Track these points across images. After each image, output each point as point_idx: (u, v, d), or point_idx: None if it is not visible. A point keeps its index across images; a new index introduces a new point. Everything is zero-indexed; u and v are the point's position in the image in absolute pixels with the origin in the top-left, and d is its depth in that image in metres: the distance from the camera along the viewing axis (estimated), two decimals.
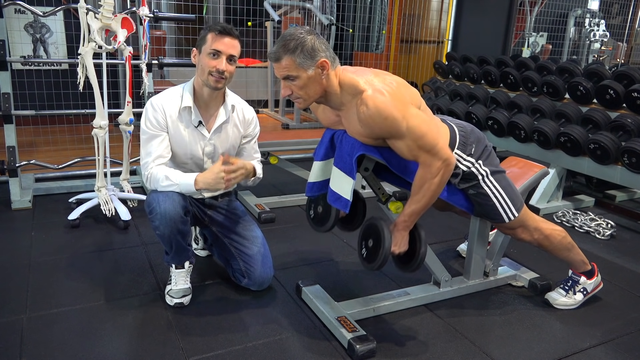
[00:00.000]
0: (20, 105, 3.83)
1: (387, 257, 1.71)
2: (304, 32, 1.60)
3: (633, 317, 2.12)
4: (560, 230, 2.06)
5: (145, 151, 1.95)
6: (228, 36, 1.87)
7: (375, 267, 1.75)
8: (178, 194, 1.90)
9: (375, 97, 1.59)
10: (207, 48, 1.87)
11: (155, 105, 1.95)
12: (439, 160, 1.64)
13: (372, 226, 1.79)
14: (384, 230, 1.71)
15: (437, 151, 1.64)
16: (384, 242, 1.70)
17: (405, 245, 1.77)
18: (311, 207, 2.02)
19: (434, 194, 1.69)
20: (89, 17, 2.56)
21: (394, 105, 1.59)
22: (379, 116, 1.58)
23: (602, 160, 3.06)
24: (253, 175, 2.04)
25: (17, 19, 4.30)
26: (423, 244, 1.76)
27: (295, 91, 1.64)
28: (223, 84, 1.92)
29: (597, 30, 7.48)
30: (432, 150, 1.64)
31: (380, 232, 1.72)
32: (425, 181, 1.67)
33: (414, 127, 1.61)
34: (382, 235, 1.71)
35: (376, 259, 1.73)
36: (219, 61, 1.87)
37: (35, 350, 1.71)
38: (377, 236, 1.74)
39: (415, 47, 6.53)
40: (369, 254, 1.79)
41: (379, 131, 1.63)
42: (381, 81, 1.63)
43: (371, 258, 1.77)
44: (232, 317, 1.96)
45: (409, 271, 1.83)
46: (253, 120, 2.13)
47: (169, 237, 1.91)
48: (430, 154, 1.64)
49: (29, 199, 3.02)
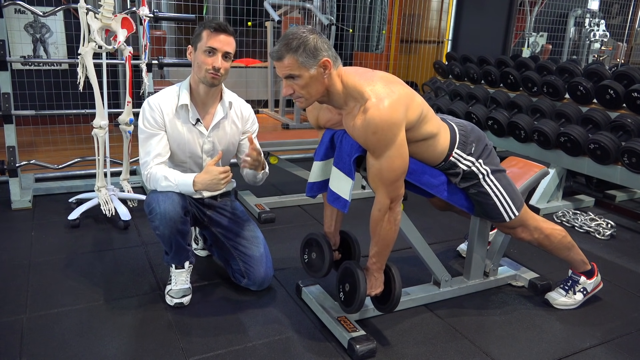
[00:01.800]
0: (20, 105, 3.84)
1: (363, 300, 1.76)
2: (307, 31, 1.60)
3: (633, 317, 2.12)
4: (561, 230, 2.06)
5: (144, 150, 1.96)
6: (223, 33, 1.87)
7: (353, 311, 1.81)
8: (177, 194, 1.91)
9: (376, 109, 1.57)
10: (203, 45, 1.88)
11: (152, 105, 1.95)
12: (387, 198, 1.67)
13: (347, 271, 1.83)
14: (358, 274, 1.75)
15: (393, 188, 1.67)
16: (359, 286, 1.74)
17: (380, 286, 1.80)
18: (305, 252, 2.06)
19: (386, 236, 1.73)
20: (89, 17, 2.56)
21: (388, 125, 1.58)
22: (370, 129, 1.58)
23: (602, 160, 3.06)
24: (262, 168, 2.05)
25: (17, 19, 4.30)
26: (397, 284, 1.79)
27: (297, 90, 1.64)
28: (219, 81, 1.93)
29: (597, 30, 7.48)
30: (390, 185, 1.66)
31: (355, 276, 1.77)
32: (377, 222, 1.72)
33: (391, 158, 1.62)
34: (357, 279, 1.75)
35: (353, 302, 1.78)
36: (214, 58, 1.87)
37: (35, 350, 1.71)
38: (353, 280, 1.78)
39: (415, 47, 6.53)
40: (346, 298, 1.83)
41: (364, 141, 1.64)
42: (386, 92, 1.60)
43: (349, 302, 1.82)
44: (232, 317, 1.96)
45: (387, 311, 1.88)
46: (251, 117, 2.14)
47: (168, 237, 1.91)
48: (385, 188, 1.66)
49: (29, 199, 3.02)
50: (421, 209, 3.00)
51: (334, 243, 2.04)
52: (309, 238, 2.03)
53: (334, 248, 2.04)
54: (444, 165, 1.84)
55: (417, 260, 2.13)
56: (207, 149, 2.04)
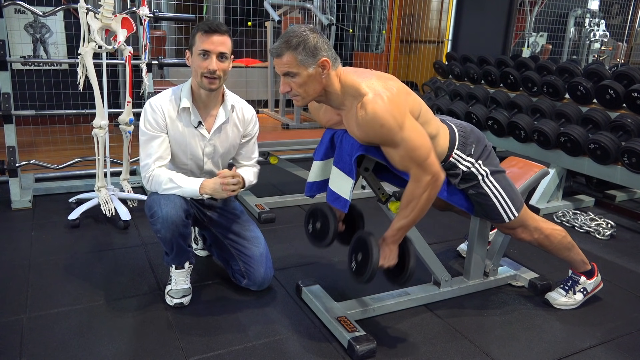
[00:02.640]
0: (20, 105, 3.83)
1: (375, 271, 1.73)
2: (307, 30, 1.60)
3: (633, 317, 2.12)
4: (561, 230, 2.06)
5: (145, 153, 1.95)
6: (215, 34, 1.84)
7: (364, 281, 1.76)
8: (179, 196, 1.90)
9: (375, 102, 1.58)
10: (197, 49, 1.86)
11: (154, 107, 1.94)
12: (428, 175, 1.64)
13: (360, 240, 1.80)
14: (372, 244, 1.73)
15: (427, 165, 1.64)
16: (372, 256, 1.71)
17: (394, 259, 1.78)
18: (309, 222, 2.02)
19: (422, 209, 1.70)
20: (89, 17, 2.56)
21: (392, 114, 1.58)
22: (376, 123, 1.58)
23: (602, 160, 3.06)
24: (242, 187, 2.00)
25: (17, 19, 4.30)
26: (412, 258, 1.77)
27: (294, 88, 1.64)
28: (217, 84, 1.90)
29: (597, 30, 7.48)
30: (423, 164, 1.63)
31: (368, 246, 1.74)
32: (414, 197, 1.67)
33: (408, 139, 1.60)
34: (370, 249, 1.73)
35: (365, 272, 1.74)
36: (209, 61, 1.84)
37: (35, 350, 1.71)
38: (366, 250, 1.76)
39: (415, 47, 6.53)
40: (358, 268, 1.80)
41: (374, 137, 1.63)
42: (383, 86, 1.62)
43: (360, 271, 1.79)
44: (232, 317, 1.96)
45: (398, 285, 1.85)
46: (252, 119, 2.12)
47: (170, 240, 1.91)
48: (420, 168, 1.64)
49: (29, 199, 3.02)
50: None
51: (339, 215, 1.99)
52: (314, 208, 1.99)
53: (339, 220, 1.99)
54: (444, 165, 1.84)
55: (417, 260, 2.13)
56: (208, 152, 2.04)
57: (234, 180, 1.89)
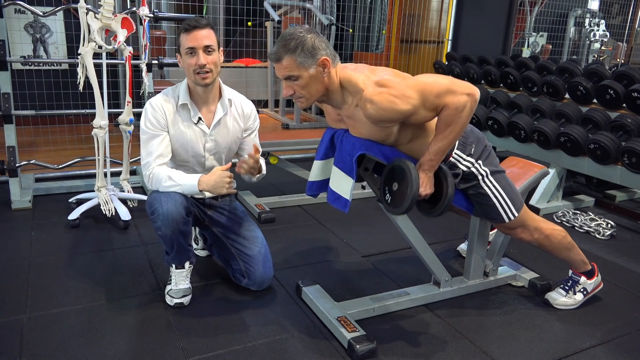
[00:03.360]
0: (20, 105, 3.83)
1: (414, 199, 1.62)
2: (304, 31, 1.60)
3: (633, 317, 2.12)
4: (561, 230, 2.06)
5: (146, 151, 1.96)
6: (196, 29, 1.86)
7: (402, 211, 1.65)
8: (180, 194, 1.91)
9: (377, 90, 1.59)
10: (183, 48, 1.89)
11: (155, 105, 1.95)
12: (461, 96, 1.60)
13: (397, 168, 1.68)
14: (411, 171, 1.61)
15: (456, 89, 1.60)
16: (412, 183, 1.60)
17: (432, 187, 1.70)
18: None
19: (462, 127, 1.65)
20: (89, 17, 2.56)
21: (395, 88, 1.58)
22: (389, 105, 1.58)
23: (602, 160, 3.06)
24: (258, 172, 2.05)
25: (17, 19, 4.30)
26: (450, 185, 1.67)
27: (297, 91, 1.64)
28: (211, 78, 1.92)
29: (597, 30, 7.48)
30: (450, 90, 1.60)
31: (407, 173, 1.62)
32: (453, 118, 1.62)
33: (422, 89, 1.59)
34: (410, 176, 1.61)
35: (403, 202, 1.63)
36: (196, 57, 1.87)
37: (35, 350, 1.71)
38: (404, 178, 1.64)
39: (415, 47, 6.53)
40: (393, 198, 1.70)
41: (397, 117, 1.62)
42: (378, 75, 1.63)
43: (397, 202, 1.67)
44: (232, 317, 1.96)
45: (434, 215, 1.73)
46: (252, 113, 2.14)
47: (170, 237, 1.91)
48: (450, 94, 1.60)
49: (29, 199, 3.02)
50: None
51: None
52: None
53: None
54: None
55: (417, 260, 2.13)
56: (209, 148, 2.05)
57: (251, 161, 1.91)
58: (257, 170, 2.01)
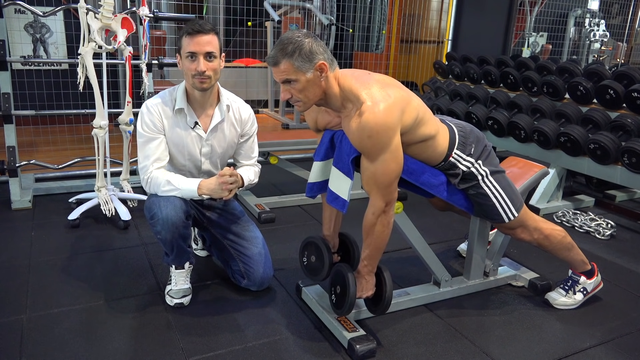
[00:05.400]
0: (20, 105, 3.83)
1: (353, 303, 1.78)
2: (302, 35, 1.60)
3: (633, 317, 2.12)
4: (560, 230, 2.06)
5: (143, 154, 1.94)
6: (199, 34, 1.83)
7: (344, 313, 1.81)
8: (179, 198, 1.90)
9: (371, 112, 1.57)
10: (184, 52, 1.86)
11: (151, 108, 1.93)
12: (382, 201, 1.67)
13: (337, 273, 1.84)
14: (348, 277, 1.76)
15: (387, 192, 1.66)
16: (349, 288, 1.75)
17: (372, 289, 1.81)
18: (304, 255, 2.04)
19: (379, 239, 1.73)
20: (89, 17, 2.56)
21: (383, 129, 1.57)
22: (364, 133, 1.58)
23: (602, 160, 3.06)
24: (241, 186, 2.01)
25: (17, 19, 4.30)
26: (389, 287, 1.80)
27: (294, 94, 1.64)
28: (209, 83, 1.89)
29: (597, 30, 7.49)
30: (385, 189, 1.66)
31: (345, 279, 1.77)
32: (370, 227, 1.71)
33: (385, 162, 1.62)
34: (347, 281, 1.76)
35: (343, 304, 1.79)
36: (197, 63, 1.84)
37: (35, 350, 1.71)
38: (343, 283, 1.79)
39: (415, 47, 6.53)
40: (337, 301, 1.84)
41: (359, 145, 1.64)
42: (382, 94, 1.60)
43: (339, 304, 1.82)
44: (232, 317, 1.96)
45: (378, 313, 1.88)
46: (250, 119, 2.11)
47: (170, 241, 1.91)
48: (379, 192, 1.66)
49: (29, 199, 3.03)
50: (421, 209, 2.99)
51: (333, 245, 2.03)
52: (308, 241, 2.03)
53: (333, 251, 2.03)
54: (444, 165, 1.84)
55: (417, 260, 2.13)
56: (205, 152, 2.04)
57: (232, 179, 1.89)
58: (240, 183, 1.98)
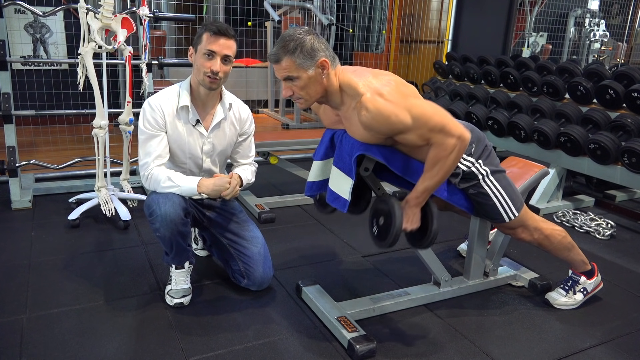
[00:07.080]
0: (20, 105, 3.84)
1: (398, 235, 1.69)
2: (303, 32, 1.60)
3: (633, 317, 2.12)
4: (561, 230, 2.06)
5: (144, 151, 1.95)
6: (223, 37, 1.86)
7: (387, 245, 1.72)
8: (178, 195, 1.91)
9: (375, 99, 1.58)
10: (202, 48, 1.87)
11: (153, 105, 1.94)
12: (452, 137, 1.63)
13: (382, 203, 1.75)
14: (394, 207, 1.68)
15: (449, 129, 1.63)
16: (394, 219, 1.67)
17: (417, 222, 1.75)
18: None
19: (448, 169, 1.68)
20: (89, 17, 2.56)
21: (394, 103, 1.58)
22: (382, 117, 1.58)
23: (602, 160, 3.06)
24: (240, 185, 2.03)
25: (17, 19, 4.30)
26: (435, 220, 1.73)
27: (296, 92, 1.65)
28: (218, 84, 1.92)
29: (597, 30, 7.48)
30: (444, 129, 1.62)
31: (391, 209, 1.70)
32: (440, 158, 1.65)
33: (419, 115, 1.60)
34: (393, 212, 1.68)
35: (387, 236, 1.70)
36: (213, 62, 1.86)
37: (35, 350, 1.71)
38: (388, 214, 1.71)
39: (415, 47, 6.53)
40: (380, 232, 1.76)
41: (386, 131, 1.63)
42: (379, 82, 1.63)
43: (382, 236, 1.74)
44: (232, 317, 1.96)
45: (422, 247, 1.82)
46: (248, 118, 2.14)
47: (169, 239, 1.91)
48: (442, 134, 1.62)
49: (29, 199, 3.02)
50: None
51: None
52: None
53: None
54: None
55: (417, 260, 2.13)
56: (206, 150, 2.04)
57: (231, 188, 1.91)
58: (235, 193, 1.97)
